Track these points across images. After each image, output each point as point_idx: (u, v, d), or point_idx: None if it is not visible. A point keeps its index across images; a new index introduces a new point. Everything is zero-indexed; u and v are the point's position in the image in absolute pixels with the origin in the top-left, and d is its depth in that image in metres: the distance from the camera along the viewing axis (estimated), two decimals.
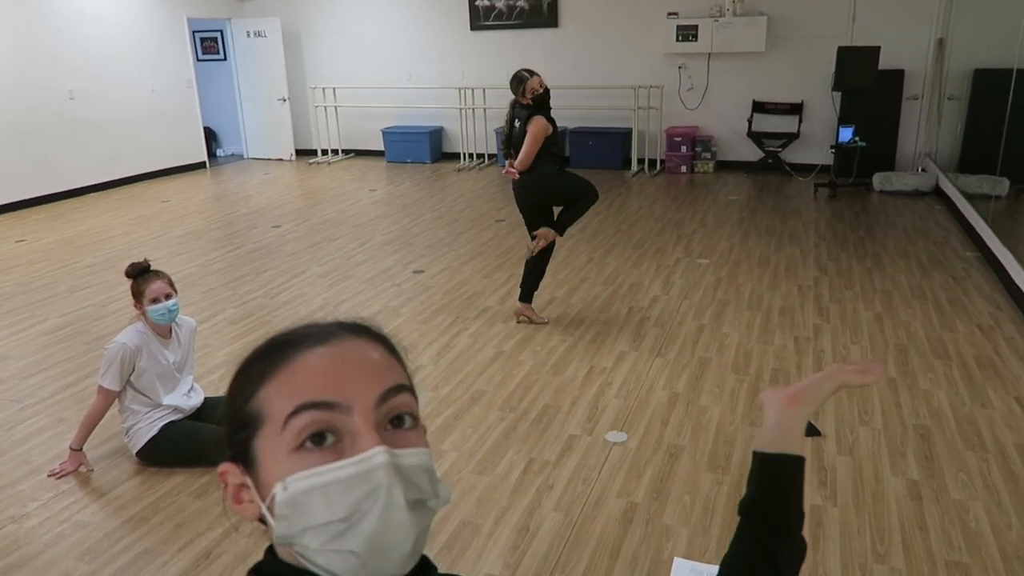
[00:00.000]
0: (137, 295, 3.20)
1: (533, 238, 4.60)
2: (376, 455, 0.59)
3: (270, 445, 0.62)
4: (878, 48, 7.57)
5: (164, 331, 3.27)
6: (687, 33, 8.87)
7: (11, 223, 7.64)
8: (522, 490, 3.00)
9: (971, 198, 6.45)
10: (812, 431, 3.37)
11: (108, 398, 3.16)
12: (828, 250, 6.01)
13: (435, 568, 0.70)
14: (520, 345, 4.37)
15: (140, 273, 3.21)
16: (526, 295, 4.68)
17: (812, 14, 8.63)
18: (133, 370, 3.16)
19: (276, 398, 0.62)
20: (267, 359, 0.65)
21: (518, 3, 9.75)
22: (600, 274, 5.56)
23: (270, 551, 0.66)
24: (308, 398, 0.61)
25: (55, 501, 3.00)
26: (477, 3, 9.93)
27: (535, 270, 4.66)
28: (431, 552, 2.59)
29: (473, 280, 5.51)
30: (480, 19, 9.98)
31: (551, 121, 4.45)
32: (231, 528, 2.67)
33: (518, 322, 4.67)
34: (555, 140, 4.49)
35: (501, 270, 5.70)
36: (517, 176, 4.53)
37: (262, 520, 0.63)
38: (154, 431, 3.17)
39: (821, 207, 7.45)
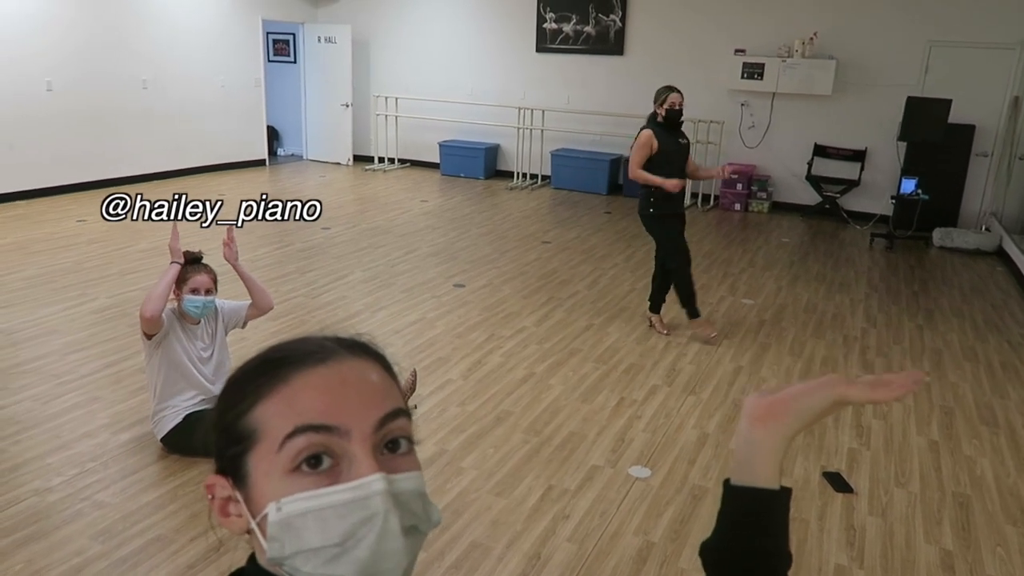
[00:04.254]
0: (180, 281, 3.24)
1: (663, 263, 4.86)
2: (374, 482, 0.59)
3: (264, 464, 0.61)
4: (949, 101, 7.38)
5: (193, 322, 3.31)
6: (753, 71, 8.78)
7: (75, 202, 7.89)
8: (538, 516, 2.95)
9: None
10: (843, 487, 3.25)
11: (149, 299, 3.09)
12: (879, 302, 5.84)
13: None
14: (552, 369, 4.32)
15: (191, 262, 3.28)
16: (691, 310, 4.85)
17: (883, 61, 8.46)
18: (165, 335, 3.18)
19: (273, 417, 0.61)
20: (264, 375, 0.63)
21: (585, 29, 9.78)
22: (640, 305, 5.48)
23: (252, 558, 0.65)
24: (307, 420, 0.60)
25: (79, 478, 3.05)
26: (545, 26, 9.99)
27: (675, 283, 4.83)
28: (439, 571, 2.57)
29: (512, 299, 5.49)
30: (546, 42, 10.04)
31: (665, 136, 4.66)
32: (216, 542, 2.65)
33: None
34: (669, 157, 4.68)
35: (541, 292, 5.67)
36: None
37: (249, 532, 0.62)
38: (178, 419, 3.20)
39: (876, 258, 7.26)
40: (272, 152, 11.43)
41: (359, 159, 11.33)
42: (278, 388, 0.62)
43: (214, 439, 0.66)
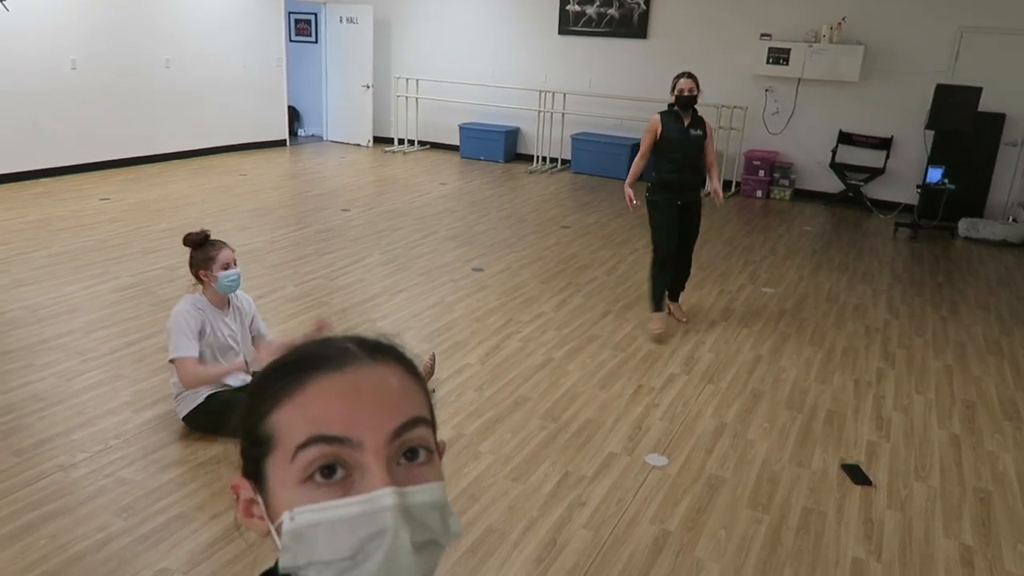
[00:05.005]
0: (204, 262, 3.23)
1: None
2: (383, 496, 0.58)
3: (280, 471, 0.61)
4: (979, 89, 7.24)
5: (222, 302, 3.32)
6: (779, 56, 8.65)
7: (99, 181, 7.96)
8: (554, 503, 2.96)
9: None
10: (862, 479, 3.23)
11: (184, 369, 3.15)
12: (902, 293, 5.77)
13: None
14: (570, 355, 4.32)
15: (203, 242, 3.25)
16: (654, 302, 4.76)
17: (912, 48, 8.31)
18: (202, 333, 3.21)
19: (288, 424, 0.61)
20: (283, 380, 0.63)
21: (609, 11, 9.68)
22: None
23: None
24: (319, 431, 0.59)
25: (102, 455, 3.09)
26: (568, 8, 9.89)
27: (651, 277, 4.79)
28: (455, 555, 2.59)
29: (531, 284, 5.48)
30: (569, 24, 9.94)
31: (671, 122, 4.56)
32: (239, 537, 2.65)
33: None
34: (671, 144, 4.58)
35: (560, 277, 5.65)
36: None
37: (270, 534, 0.63)
38: (200, 399, 3.23)
39: (900, 248, 7.16)
40: (293, 133, 11.45)
41: (379, 140, 11.32)
42: (293, 394, 0.61)
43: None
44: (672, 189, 4.64)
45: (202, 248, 3.24)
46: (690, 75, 4.58)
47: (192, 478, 2.98)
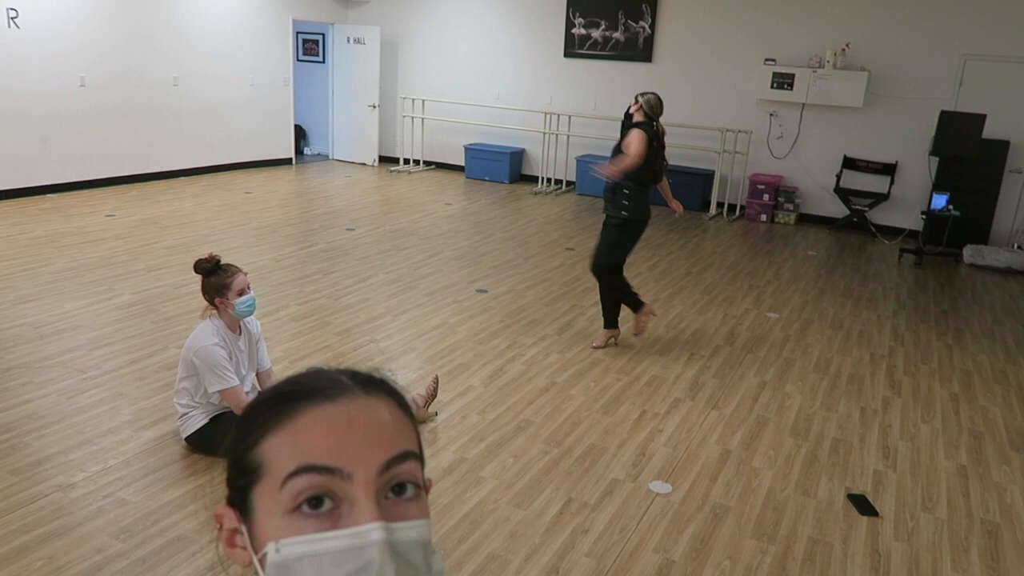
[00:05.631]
0: (220, 290, 3.19)
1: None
2: (372, 531, 0.57)
3: (267, 501, 0.60)
4: (984, 116, 7.26)
5: (235, 325, 3.30)
6: (783, 81, 8.69)
7: (105, 197, 7.98)
8: (557, 530, 2.92)
9: None
10: (868, 510, 3.19)
11: (234, 397, 3.15)
12: (907, 320, 5.75)
13: None
14: (574, 379, 4.29)
15: (215, 269, 3.21)
16: (607, 318, 4.80)
17: (916, 74, 8.34)
18: (230, 359, 3.19)
19: (278, 454, 0.60)
20: (274, 409, 0.62)
21: (614, 35, 9.74)
22: (664, 316, 5.44)
23: None
24: (309, 460, 0.59)
25: (101, 475, 3.07)
26: (573, 31, 9.97)
27: (604, 290, 4.77)
28: None
29: (535, 306, 5.46)
30: (575, 47, 10.01)
31: (651, 136, 4.52)
32: (221, 569, 2.64)
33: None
34: (654, 156, 4.56)
35: (564, 299, 5.64)
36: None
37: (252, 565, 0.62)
38: (205, 420, 3.21)
39: (904, 274, 7.15)
40: (299, 151, 11.50)
41: (384, 160, 11.36)
42: (284, 423, 0.61)
43: (227, 467, 0.65)
44: (648, 205, 4.59)
45: (215, 275, 3.20)
46: (650, 92, 4.66)
47: (191, 499, 2.95)
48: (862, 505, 3.24)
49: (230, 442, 0.65)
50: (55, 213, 7.21)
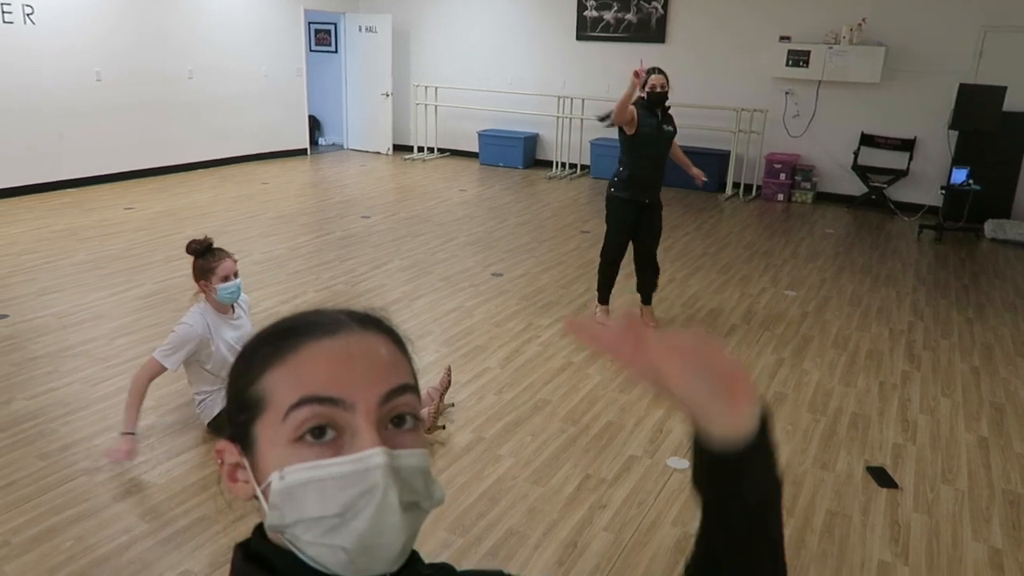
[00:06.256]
0: (205, 272, 3.20)
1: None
2: (375, 455, 0.59)
3: (269, 432, 0.62)
4: (1004, 88, 7.14)
5: (226, 308, 3.32)
6: (798, 58, 8.60)
7: (123, 191, 8.07)
8: (575, 505, 2.94)
9: None
10: (888, 482, 3.18)
11: (155, 370, 3.11)
12: (927, 295, 5.69)
13: (422, 561, 0.70)
14: (590, 359, 4.30)
15: (206, 251, 3.22)
16: (600, 295, 4.89)
17: (934, 48, 8.22)
18: (196, 351, 3.20)
19: (280, 387, 0.62)
20: (273, 344, 0.64)
21: (627, 16, 9.67)
22: (680, 296, 5.43)
23: (259, 530, 0.66)
24: (312, 391, 0.60)
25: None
26: (585, 14, 9.91)
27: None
28: (475, 557, 2.58)
29: (550, 288, 5.47)
30: (587, 30, 9.95)
31: (646, 117, 4.50)
32: (224, 504, 2.69)
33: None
34: (646, 140, 4.52)
35: (579, 281, 5.64)
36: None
37: (255, 498, 0.64)
38: (224, 403, 3.25)
39: (924, 249, 7.07)
40: (313, 142, 11.54)
41: (399, 148, 11.39)
42: (286, 357, 0.62)
43: (227, 405, 0.67)
44: (640, 186, 4.57)
45: (204, 257, 3.21)
46: (661, 71, 4.56)
47: (214, 481, 3.00)
48: (881, 478, 3.23)
49: (230, 378, 0.67)
50: (75, 207, 7.30)
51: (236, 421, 0.65)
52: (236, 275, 3.26)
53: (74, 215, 7.01)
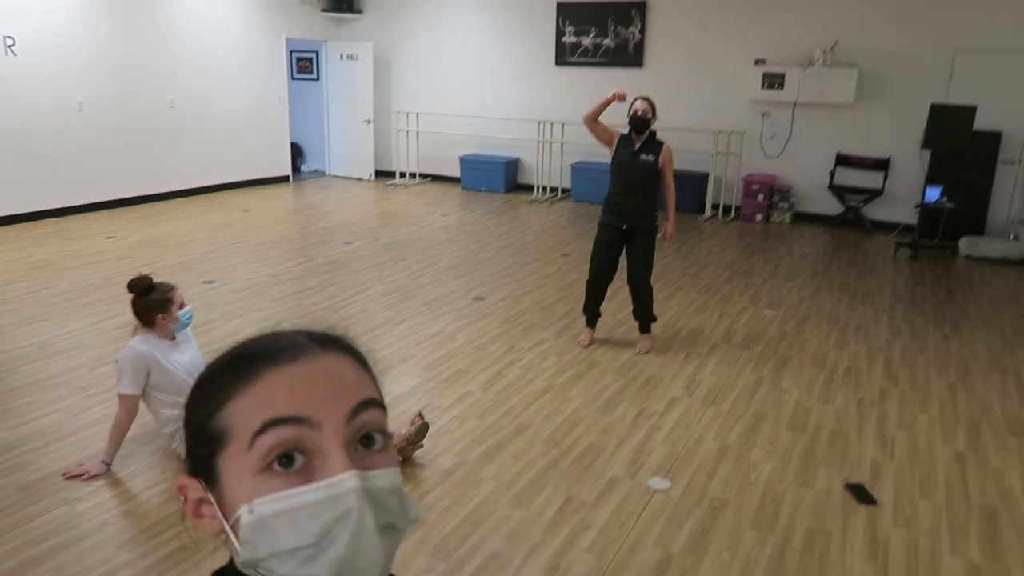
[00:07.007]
0: (162, 305, 3.24)
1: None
2: (347, 479, 0.58)
3: (235, 464, 0.60)
4: (974, 108, 7.30)
5: (168, 335, 3.32)
6: (773, 81, 8.75)
7: (105, 220, 8.06)
8: (556, 528, 2.95)
9: None
10: (867, 498, 3.22)
11: (129, 404, 3.18)
12: (904, 312, 5.77)
13: None
14: (572, 381, 4.33)
15: (149, 288, 3.24)
16: (587, 317, 4.94)
17: (906, 69, 8.40)
18: (148, 375, 3.20)
19: (243, 415, 0.60)
20: (232, 373, 0.63)
21: (604, 42, 9.82)
22: (661, 316, 5.47)
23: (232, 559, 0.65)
24: (276, 414, 0.59)
25: (105, 488, 3.11)
26: (564, 39, 10.05)
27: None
28: None
29: (532, 311, 5.50)
30: (566, 55, 10.09)
31: (625, 143, 4.59)
32: (191, 542, 2.68)
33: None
34: (619, 167, 4.62)
35: (561, 304, 5.68)
36: None
37: (224, 533, 0.62)
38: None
39: (901, 267, 7.18)
40: (296, 168, 11.57)
41: (381, 174, 11.44)
42: (246, 387, 0.61)
43: (186, 439, 0.65)
44: (616, 212, 4.65)
45: (155, 291, 3.24)
46: (646, 98, 4.64)
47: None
48: (860, 494, 3.26)
49: (188, 411, 0.65)
50: (56, 237, 7.28)
51: (198, 455, 0.63)
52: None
53: (56, 244, 6.99)
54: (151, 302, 3.24)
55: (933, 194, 7.52)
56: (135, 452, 3.40)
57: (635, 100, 4.63)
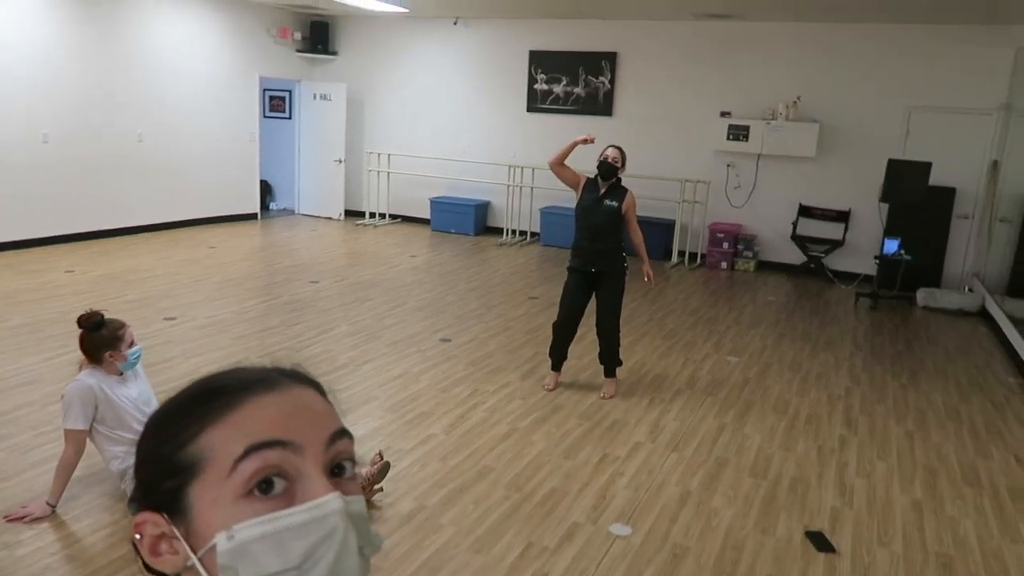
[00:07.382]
0: (112, 343, 3.17)
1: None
2: (331, 501, 0.60)
3: (211, 492, 0.60)
4: (929, 164, 7.54)
5: (116, 372, 3.26)
6: (738, 133, 8.98)
7: (66, 253, 7.92)
8: (516, 574, 2.90)
9: (1018, 323, 6.27)
10: (826, 546, 3.22)
11: (77, 440, 3.10)
12: (863, 361, 5.87)
13: None
14: (536, 424, 4.31)
15: (99, 324, 3.18)
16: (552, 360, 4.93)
17: (865, 125, 8.68)
18: (96, 410, 3.13)
19: (222, 443, 0.61)
20: (207, 404, 0.63)
21: (575, 90, 10.02)
22: (627, 361, 5.48)
23: None
24: (260, 439, 0.60)
25: (48, 532, 3.00)
26: (536, 87, 10.23)
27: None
28: None
29: (498, 354, 5.49)
30: (538, 102, 10.26)
31: (590, 188, 4.70)
32: None
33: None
34: (584, 211, 4.71)
35: (527, 347, 5.68)
36: None
37: (187, 569, 0.60)
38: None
39: (861, 317, 7.31)
40: (264, 206, 11.52)
41: (351, 214, 11.43)
42: (224, 415, 0.62)
43: (143, 475, 0.64)
44: (584, 256, 4.73)
45: (105, 328, 3.18)
46: (618, 147, 4.77)
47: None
48: (820, 542, 3.27)
49: (151, 444, 0.64)
50: (12, 270, 7.12)
51: (163, 488, 0.62)
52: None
53: (11, 278, 6.84)
54: (100, 339, 3.17)
55: (891, 246, 7.71)
56: (81, 493, 3.29)
57: (607, 148, 4.71)
